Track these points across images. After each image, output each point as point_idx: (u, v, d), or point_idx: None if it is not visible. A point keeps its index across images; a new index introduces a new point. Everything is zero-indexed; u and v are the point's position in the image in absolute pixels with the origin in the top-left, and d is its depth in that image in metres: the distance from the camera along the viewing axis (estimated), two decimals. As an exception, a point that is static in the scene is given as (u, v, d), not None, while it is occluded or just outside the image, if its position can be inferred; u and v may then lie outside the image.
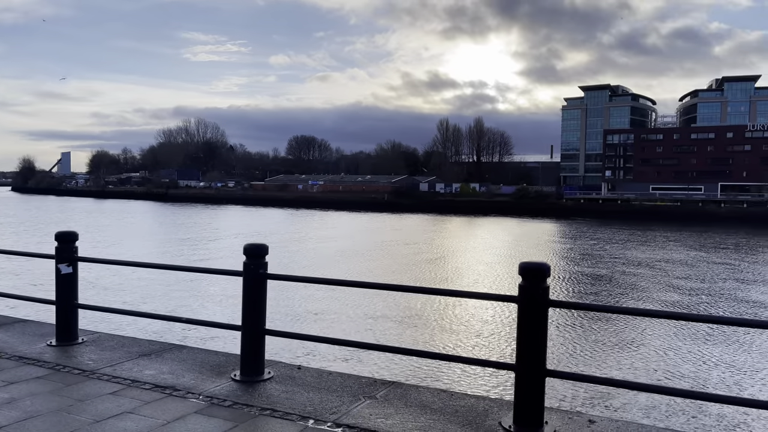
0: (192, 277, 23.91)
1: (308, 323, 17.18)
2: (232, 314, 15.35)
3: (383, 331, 16.41)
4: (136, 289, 22.11)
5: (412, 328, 16.87)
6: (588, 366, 13.36)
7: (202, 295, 21.12)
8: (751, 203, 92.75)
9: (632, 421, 4.18)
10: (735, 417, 10.02)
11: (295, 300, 20.23)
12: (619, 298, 22.98)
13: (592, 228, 68.57)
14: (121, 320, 15.23)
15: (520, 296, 3.91)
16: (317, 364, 12.12)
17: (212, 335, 14.64)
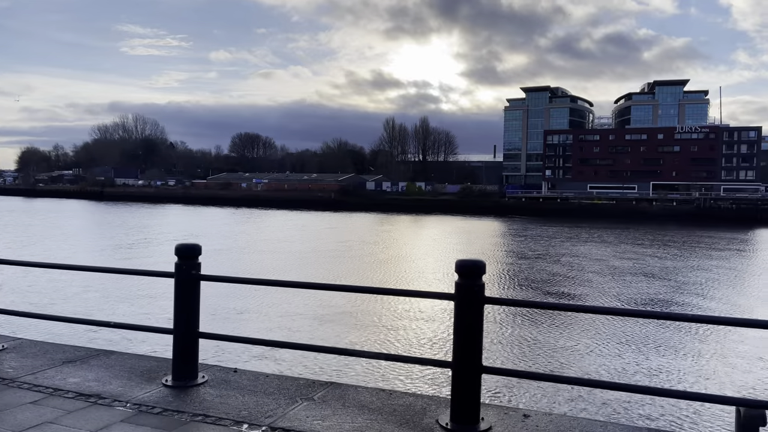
0: (121, 279, 22.86)
1: (245, 325, 16.84)
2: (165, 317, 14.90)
3: (322, 331, 16.29)
4: (57, 293, 21.09)
5: (351, 327, 16.83)
6: (523, 361, 13.67)
7: (133, 298, 20.34)
8: (680, 201, 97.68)
9: (565, 414, 4.27)
10: (661, 407, 10.48)
11: (232, 302, 19.79)
12: (554, 294, 23.68)
13: (533, 226, 70.51)
14: (44, 326, 14.47)
15: (456, 294, 3.92)
16: (254, 366, 11.89)
17: (143, 340, 14.12)
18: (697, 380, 12.57)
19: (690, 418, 9.96)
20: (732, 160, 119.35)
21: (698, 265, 34.79)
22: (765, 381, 12.56)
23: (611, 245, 46.62)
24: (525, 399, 10.68)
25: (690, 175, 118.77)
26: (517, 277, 28.53)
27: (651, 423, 9.54)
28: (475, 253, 39.12)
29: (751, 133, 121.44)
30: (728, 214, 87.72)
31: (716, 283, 27.62)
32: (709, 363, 13.89)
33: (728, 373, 13.05)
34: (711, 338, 15.99)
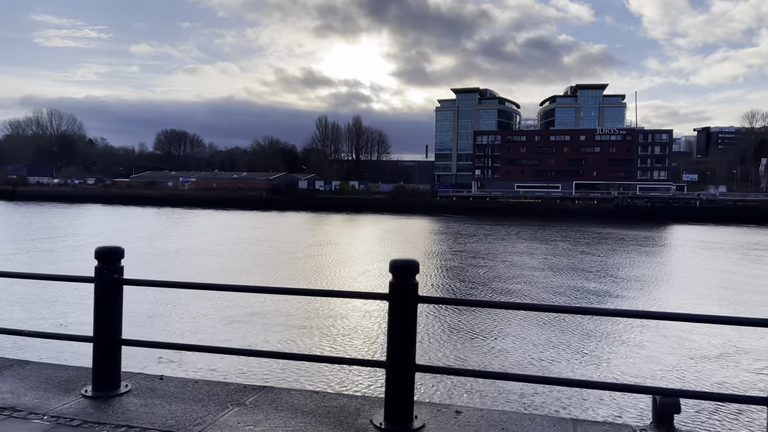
0: (37, 285, 21.53)
1: (172, 331, 16.25)
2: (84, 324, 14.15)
3: (254, 335, 15.97)
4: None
5: (284, 330, 16.59)
6: (456, 358, 13.95)
7: (49, 305, 19.19)
8: (600, 200, 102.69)
9: (496, 409, 4.37)
10: (585, 398, 10.99)
11: (157, 307, 19.07)
12: (486, 291, 24.31)
13: (464, 224, 72.14)
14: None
15: (390, 293, 3.93)
16: (182, 373, 11.49)
17: (60, 349, 13.34)
18: (617, 371, 13.25)
19: (611, 407, 10.50)
20: (647, 161, 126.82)
21: (616, 260, 36.70)
22: (679, 370, 13.40)
23: (537, 242, 48.39)
24: (458, 395, 10.90)
25: (609, 175, 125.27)
26: (449, 275, 29.07)
27: (576, 413, 9.99)
28: (409, 252, 39.54)
29: (663, 135, 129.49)
30: (643, 211, 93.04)
31: (632, 278, 29.23)
32: (628, 354, 14.67)
33: (646, 364, 13.84)
34: (630, 331, 16.89)
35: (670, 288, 26.63)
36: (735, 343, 15.49)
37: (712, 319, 3.89)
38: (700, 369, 13.48)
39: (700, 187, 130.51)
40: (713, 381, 12.68)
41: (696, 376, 12.94)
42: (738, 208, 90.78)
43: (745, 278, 29.51)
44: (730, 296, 24.04)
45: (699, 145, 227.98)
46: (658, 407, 3.92)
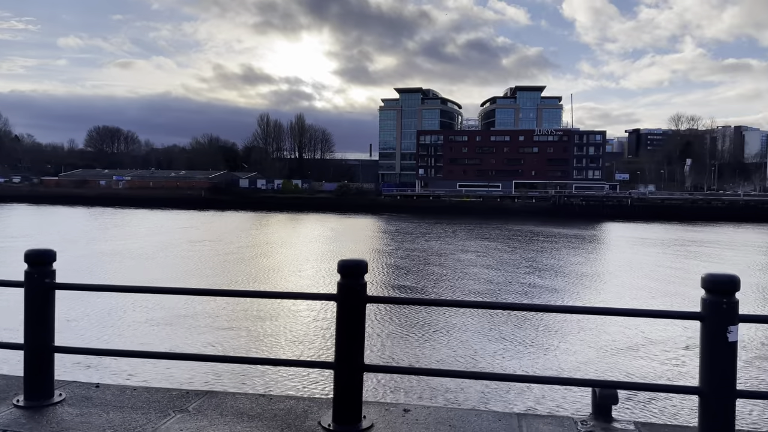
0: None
1: (108, 336, 15.60)
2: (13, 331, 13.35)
3: (197, 339, 15.54)
4: None
5: (229, 334, 16.24)
6: (405, 357, 14.04)
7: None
8: (539, 199, 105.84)
9: (443, 406, 4.42)
10: (528, 392, 11.30)
11: (93, 311, 18.28)
12: (433, 290, 24.61)
13: (408, 223, 72.76)
14: None
15: (338, 294, 3.91)
16: (119, 380, 11.05)
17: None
18: (560, 365, 13.68)
19: (555, 400, 10.83)
20: (582, 161, 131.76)
21: (555, 257, 37.92)
22: (616, 363, 13.97)
23: (480, 240, 49.40)
24: (406, 394, 10.96)
25: (547, 175, 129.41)
26: (397, 274, 29.23)
27: (521, 408, 10.25)
28: (355, 252, 39.52)
29: (597, 136, 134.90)
30: (579, 210, 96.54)
31: (571, 274, 30.29)
32: (570, 349, 15.17)
33: (586, 357, 14.36)
34: (571, 325, 17.48)
35: (605, 283, 27.75)
36: (666, 334, 16.29)
37: (643, 312, 4.08)
38: (634, 360, 14.11)
39: (631, 186, 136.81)
40: (647, 371, 13.30)
41: (631, 368, 13.54)
42: (665, 206, 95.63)
43: (671, 272, 31.12)
44: (659, 288, 25.28)
45: (630, 146, 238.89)
46: (598, 399, 4.07)
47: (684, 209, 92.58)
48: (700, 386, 3.63)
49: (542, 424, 3.98)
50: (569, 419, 4.07)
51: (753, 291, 24.91)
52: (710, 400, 3.55)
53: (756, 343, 15.57)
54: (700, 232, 64.80)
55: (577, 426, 3.94)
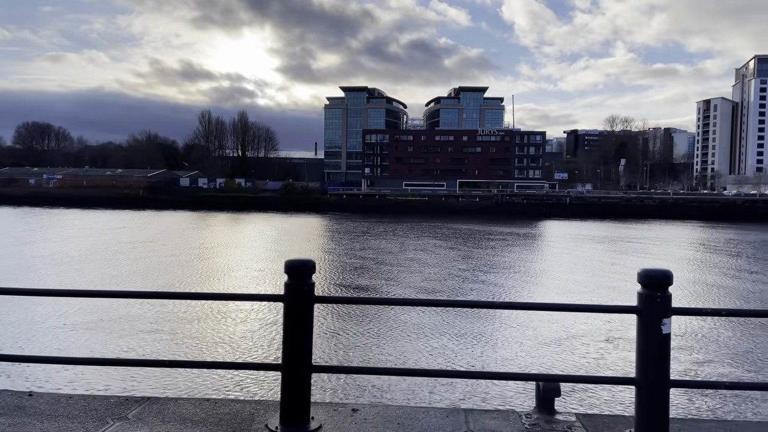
0: None
1: (40, 343, 14.85)
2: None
3: (137, 344, 14.99)
4: None
5: (172, 338, 15.75)
6: (353, 357, 14.02)
7: None
8: (482, 197, 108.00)
9: (392, 405, 4.43)
10: (474, 388, 11.51)
11: (22, 317, 17.36)
12: (380, 289, 24.68)
13: (355, 222, 72.73)
14: None
15: (286, 294, 3.85)
16: (54, 388, 10.52)
17: None
18: (505, 361, 14.00)
19: (501, 395, 11.08)
20: (523, 161, 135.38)
21: (498, 254, 38.81)
22: (558, 357, 14.41)
23: (426, 239, 49.95)
24: (355, 394, 10.94)
25: (490, 174, 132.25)
26: (344, 273, 29.14)
27: (467, 404, 10.42)
28: (301, 252, 39.14)
29: (537, 137, 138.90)
30: (520, 208, 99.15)
31: (512, 271, 31.07)
32: (515, 344, 15.54)
33: (530, 352, 14.75)
34: (516, 321, 17.91)
35: (546, 279, 28.60)
36: (604, 328, 16.94)
37: (582, 308, 4.22)
38: (576, 354, 14.61)
39: (569, 186, 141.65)
40: (588, 364, 13.78)
41: (573, 361, 14.01)
42: (602, 204, 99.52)
43: (608, 267, 32.42)
44: (597, 283, 26.28)
45: (568, 146, 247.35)
46: (541, 392, 4.18)
47: (619, 207, 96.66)
48: (636, 377, 3.78)
49: (488, 419, 4.05)
50: (514, 413, 4.16)
51: (682, 284, 26.27)
52: (646, 390, 3.70)
53: (686, 334, 16.42)
54: (634, 229, 67.82)
55: (521, 419, 4.04)
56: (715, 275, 30.19)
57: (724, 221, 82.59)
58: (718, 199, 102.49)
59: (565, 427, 3.92)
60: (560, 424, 3.97)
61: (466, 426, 3.91)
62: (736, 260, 37.11)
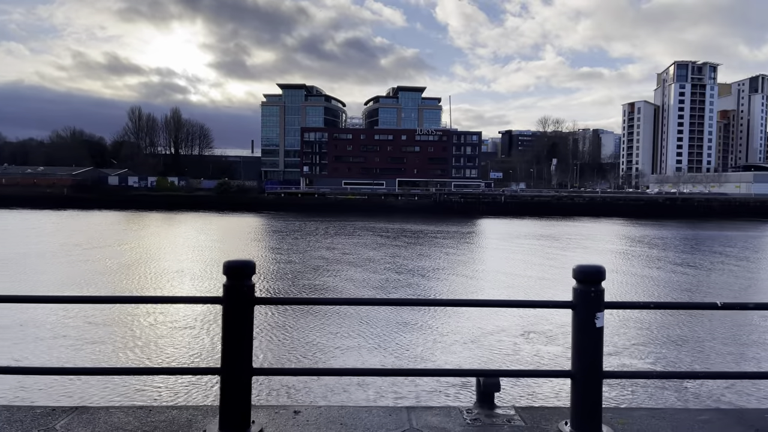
0: None
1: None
2: None
3: (64, 351, 14.23)
4: None
5: (102, 344, 15.04)
6: (295, 358, 13.84)
7: None
8: (421, 196, 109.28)
9: (335, 405, 4.40)
10: (416, 386, 11.62)
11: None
12: (322, 288, 24.50)
13: (293, 221, 71.92)
14: None
15: (224, 296, 3.75)
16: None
17: None
18: (446, 358, 14.20)
19: (444, 392, 11.23)
20: (460, 160, 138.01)
21: (437, 252, 39.37)
22: (498, 352, 14.75)
23: (366, 237, 50.03)
24: (297, 396, 10.80)
25: (428, 173, 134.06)
26: (284, 273, 28.73)
27: (410, 402, 10.49)
28: (237, 252, 38.33)
29: (473, 137, 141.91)
30: (458, 207, 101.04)
31: (451, 269, 31.61)
32: (455, 341, 15.78)
33: (470, 348, 15.02)
34: (454, 318, 18.20)
35: (483, 276, 29.25)
36: (541, 322, 17.50)
37: (520, 303, 4.34)
38: (515, 348, 15.00)
39: (504, 184, 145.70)
40: (526, 358, 14.19)
41: (512, 356, 14.38)
42: (535, 202, 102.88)
43: (541, 263, 33.55)
44: (533, 279, 27.13)
45: (503, 146, 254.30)
46: (482, 387, 4.26)
47: (551, 205, 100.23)
48: (572, 370, 3.92)
49: (431, 416, 4.09)
50: (456, 409, 4.22)
51: (612, 278, 27.53)
52: (580, 382, 3.84)
53: (616, 327, 17.20)
54: (566, 226, 70.50)
55: (463, 414, 4.10)
56: (641, 268, 31.81)
57: (647, 218, 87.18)
58: (642, 198, 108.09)
59: (504, 421, 4.02)
60: (500, 418, 4.06)
61: (409, 423, 3.93)
62: (659, 254, 39.24)
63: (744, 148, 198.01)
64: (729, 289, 25.55)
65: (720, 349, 15.16)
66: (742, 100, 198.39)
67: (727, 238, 53.71)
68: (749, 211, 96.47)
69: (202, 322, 17.28)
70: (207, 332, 16.11)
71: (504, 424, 3.95)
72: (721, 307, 3.86)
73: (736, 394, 11.37)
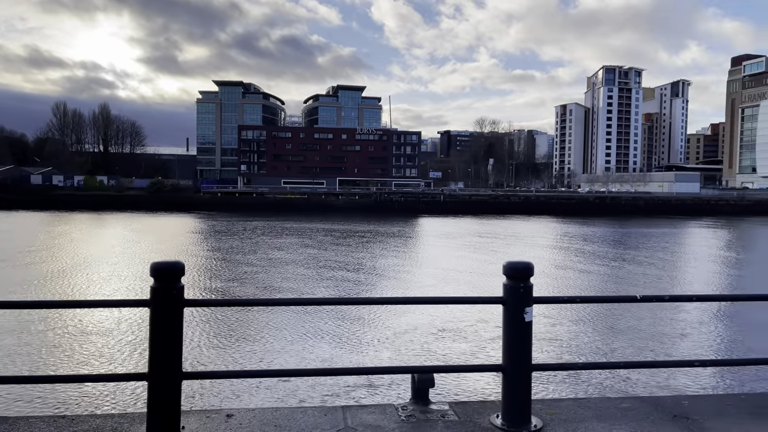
0: None
1: None
2: None
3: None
4: None
5: (23, 351, 14.22)
6: (227, 361, 13.55)
7: None
8: (362, 195, 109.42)
9: (269, 407, 4.34)
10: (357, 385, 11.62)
11: None
12: (255, 289, 24.09)
13: (230, 222, 70.38)
14: None
15: (152, 299, 3.62)
16: None
17: None
18: (381, 355, 14.27)
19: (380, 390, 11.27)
20: (400, 160, 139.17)
21: (375, 251, 39.54)
22: (432, 349, 14.95)
23: (304, 237, 49.59)
24: (230, 399, 10.57)
25: (368, 172, 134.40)
26: (217, 275, 28.06)
27: (346, 401, 10.47)
28: (169, 253, 37.13)
29: (413, 137, 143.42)
30: (398, 206, 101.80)
31: (387, 267, 31.82)
32: (390, 338, 15.89)
33: (405, 346, 15.16)
34: (388, 316, 18.32)
35: (419, 273, 29.62)
36: (474, 318, 17.87)
37: (452, 300, 4.41)
38: (448, 344, 15.26)
39: (443, 184, 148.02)
40: (460, 354, 14.46)
41: (446, 352, 14.62)
42: (473, 201, 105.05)
43: (477, 260, 34.32)
44: (467, 275, 27.71)
45: (442, 146, 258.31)
46: (416, 384, 4.31)
47: (488, 204, 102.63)
48: (503, 364, 4.02)
49: (366, 414, 4.10)
50: (391, 406, 4.25)
51: (545, 274, 28.47)
52: (511, 376, 3.95)
53: (544, 321, 17.81)
54: (502, 224, 72.40)
55: (398, 411, 4.13)
56: (572, 264, 33.09)
57: (579, 216, 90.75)
58: (574, 196, 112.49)
59: (438, 416, 4.07)
60: (434, 413, 4.12)
61: (344, 423, 3.92)
62: (590, 250, 40.95)
63: (666, 149, 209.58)
64: (650, 282, 26.99)
65: (639, 340, 16.00)
66: (665, 103, 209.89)
67: (651, 235, 56.72)
68: (671, 209, 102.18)
69: (129, 326, 16.63)
70: (134, 336, 15.52)
71: (438, 420, 4.01)
72: (640, 300, 4.06)
73: (655, 382, 12.05)
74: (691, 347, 15.42)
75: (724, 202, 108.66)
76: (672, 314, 18.81)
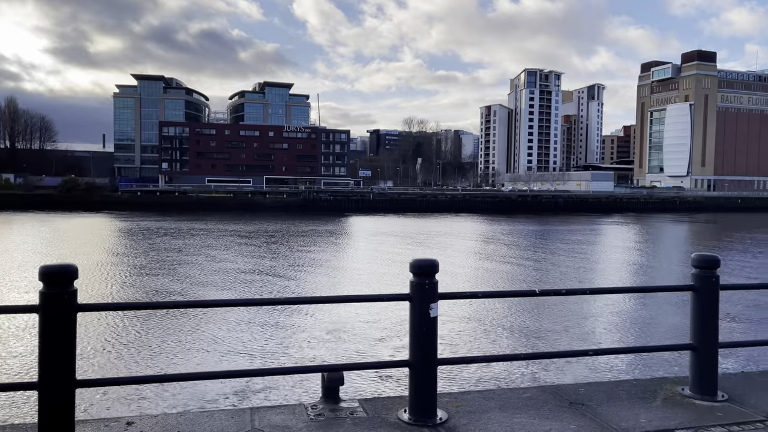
0: None
1: None
2: None
3: None
4: None
5: None
6: (126, 367, 12.99)
7: None
8: (290, 194, 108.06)
9: (172, 413, 4.23)
10: (267, 386, 11.48)
11: None
12: (168, 293, 23.23)
13: (149, 221, 67.56)
14: None
15: (41, 304, 3.43)
16: None
17: None
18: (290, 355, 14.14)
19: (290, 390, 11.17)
20: (329, 158, 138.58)
21: (302, 250, 39.18)
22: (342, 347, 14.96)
23: (227, 237, 48.40)
24: (131, 407, 10.15)
25: (297, 171, 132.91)
26: (122, 277, 26.78)
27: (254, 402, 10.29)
28: (75, 256, 34.94)
29: (342, 135, 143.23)
30: (327, 205, 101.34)
31: (308, 266, 31.64)
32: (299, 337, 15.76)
33: (316, 345, 15.08)
34: (298, 315, 18.18)
35: (340, 272, 29.65)
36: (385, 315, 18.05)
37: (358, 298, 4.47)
38: (357, 342, 15.34)
39: (373, 182, 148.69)
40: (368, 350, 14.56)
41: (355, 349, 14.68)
42: (401, 200, 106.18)
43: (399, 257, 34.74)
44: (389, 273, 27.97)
45: (371, 145, 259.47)
46: (326, 382, 4.32)
47: (416, 203, 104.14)
48: (409, 359, 4.11)
49: (274, 415, 4.07)
50: (301, 405, 4.24)
51: (462, 270, 29.23)
52: (417, 370, 4.04)
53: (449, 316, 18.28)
54: (429, 222, 73.63)
55: (307, 411, 4.13)
56: (488, 260, 34.17)
57: (502, 214, 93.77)
58: (498, 195, 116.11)
59: (347, 413, 4.11)
60: (343, 411, 4.15)
61: (251, 425, 3.88)
62: (510, 246, 42.42)
63: (584, 149, 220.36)
64: (563, 275, 28.33)
65: (540, 331, 16.77)
66: (582, 106, 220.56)
67: (568, 231, 59.49)
68: (588, 206, 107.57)
69: (22, 332, 15.64)
70: (24, 344, 14.58)
71: (347, 417, 4.04)
72: (539, 294, 4.26)
73: (562, 372, 12.71)
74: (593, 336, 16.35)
75: (636, 200, 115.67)
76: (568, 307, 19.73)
